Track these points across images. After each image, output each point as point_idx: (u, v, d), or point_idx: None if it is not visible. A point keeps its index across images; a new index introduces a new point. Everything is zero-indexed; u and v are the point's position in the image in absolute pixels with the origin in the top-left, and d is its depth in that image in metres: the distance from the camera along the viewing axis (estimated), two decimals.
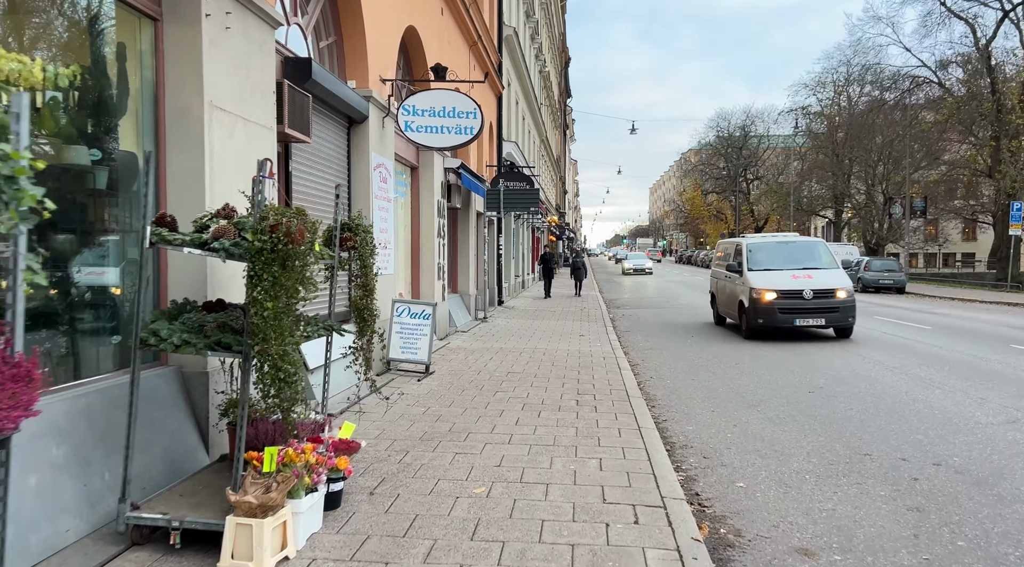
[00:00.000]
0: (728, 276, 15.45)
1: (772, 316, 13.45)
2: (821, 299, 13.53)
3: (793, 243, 15.58)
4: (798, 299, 13.51)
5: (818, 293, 13.53)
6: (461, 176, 13.37)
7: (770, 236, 16.41)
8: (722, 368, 10.75)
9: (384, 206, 9.26)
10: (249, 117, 5.51)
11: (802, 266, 14.38)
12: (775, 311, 13.44)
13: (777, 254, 14.87)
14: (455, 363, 10.34)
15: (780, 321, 13.45)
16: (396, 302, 9.22)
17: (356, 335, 5.17)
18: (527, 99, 29.93)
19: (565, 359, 10.91)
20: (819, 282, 13.71)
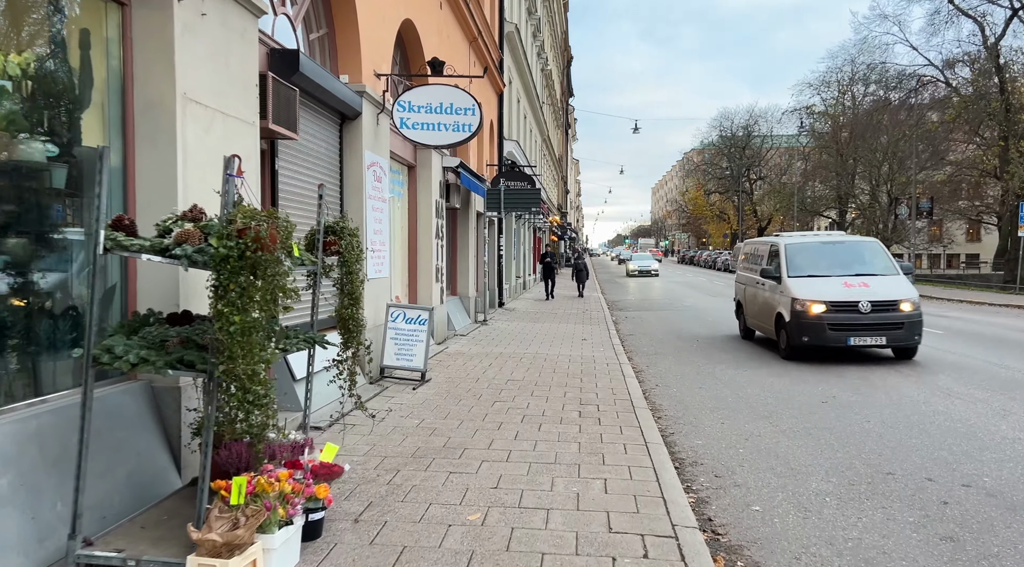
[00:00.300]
0: (760, 283, 13.12)
1: (820, 333, 11.03)
2: (882, 313, 11.05)
3: (841, 244, 13.12)
4: (853, 313, 11.04)
5: (878, 305, 11.06)
6: (460, 175, 12.98)
7: (811, 235, 13.82)
8: (731, 375, 10.35)
9: (379, 207, 8.88)
10: (228, 111, 5.12)
11: (854, 271, 11.99)
12: (824, 327, 11.02)
13: (822, 257, 12.52)
14: (453, 370, 9.95)
15: (830, 339, 11.01)
16: (391, 307, 8.83)
17: (341, 347, 4.78)
18: (529, 97, 29.54)
19: (567, 365, 10.52)
20: (878, 291, 11.33)
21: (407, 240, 12.07)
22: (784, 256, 12.38)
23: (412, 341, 8.77)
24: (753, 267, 14.00)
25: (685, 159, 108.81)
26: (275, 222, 3.26)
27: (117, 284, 4.51)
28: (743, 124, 76.62)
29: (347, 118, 8.27)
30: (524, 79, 26.83)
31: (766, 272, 12.68)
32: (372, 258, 8.63)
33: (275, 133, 6.08)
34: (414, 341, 8.77)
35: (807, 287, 11.56)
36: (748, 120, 76.66)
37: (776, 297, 12.21)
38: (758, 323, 13.51)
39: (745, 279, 14.56)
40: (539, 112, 34.80)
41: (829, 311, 11.12)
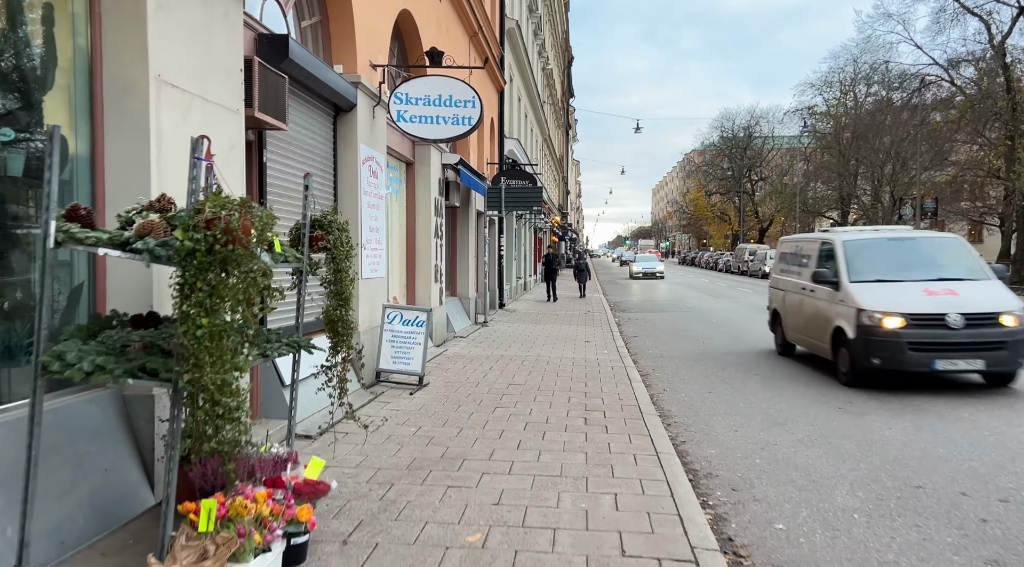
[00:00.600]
0: (807, 289, 10.72)
1: (897, 354, 8.63)
2: (978, 328, 8.63)
3: (913, 240, 10.58)
4: (940, 328, 8.63)
5: (972, 319, 8.64)
6: (460, 173, 12.60)
7: (869, 230, 11.35)
8: (740, 379, 9.97)
9: (375, 203, 8.50)
10: (209, 97, 4.75)
11: (934, 275, 9.50)
12: (902, 347, 8.61)
13: (891, 256, 10.03)
14: (452, 373, 9.57)
15: (910, 363, 8.61)
16: (388, 308, 8.45)
17: (329, 352, 4.40)
18: (530, 96, 29.18)
19: (571, 368, 10.13)
20: (971, 301, 8.91)
21: (405, 239, 11.70)
22: (843, 256, 9.88)
23: (409, 344, 8.39)
24: (795, 269, 11.60)
25: (686, 160, 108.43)
26: (249, 212, 2.89)
27: (84, 283, 4.14)
28: (744, 125, 76.33)
29: (341, 110, 7.90)
30: (525, 77, 26.47)
31: (820, 276, 10.09)
32: (368, 257, 8.26)
33: (262, 123, 5.70)
34: (411, 344, 8.39)
35: (877, 295, 9.15)
36: (749, 121, 76.39)
37: (833, 307, 9.70)
38: (804, 338, 10.98)
39: (785, 284, 11.98)
40: (540, 111, 34.44)
41: (908, 326, 8.69)
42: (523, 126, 27.40)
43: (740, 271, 52.63)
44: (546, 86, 40.12)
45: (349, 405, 4.53)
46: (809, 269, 10.81)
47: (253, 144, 6.10)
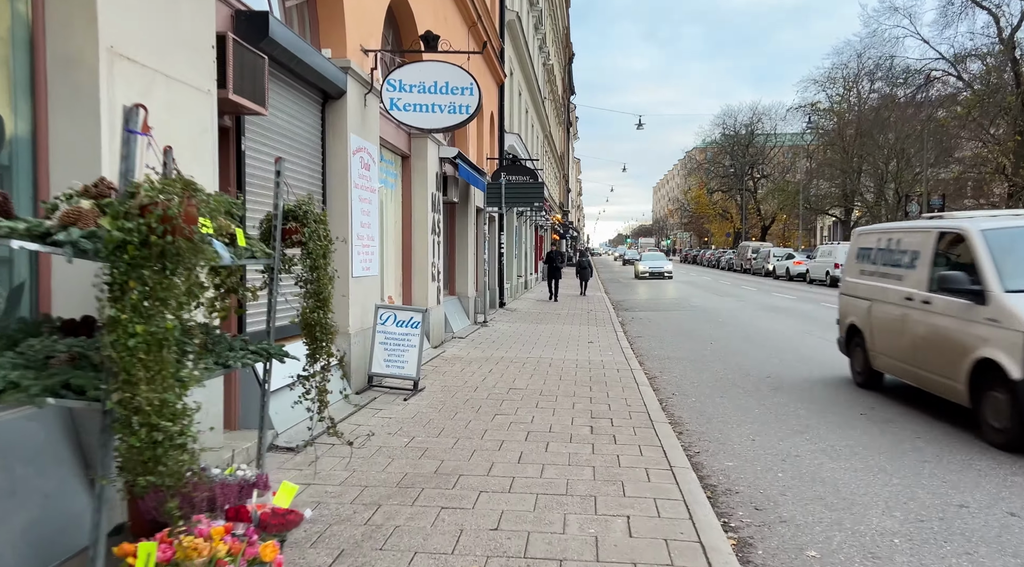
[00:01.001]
0: (918, 300, 7.64)
1: None
2: None
3: None
4: None
5: None
6: (458, 167, 12.10)
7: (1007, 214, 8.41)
8: (753, 382, 9.47)
9: (366, 197, 8.01)
10: (173, 74, 4.25)
11: None
12: None
13: None
14: (449, 377, 9.07)
15: None
16: (380, 308, 7.96)
17: (306, 360, 3.90)
18: (530, 91, 28.67)
19: (574, 371, 9.64)
20: None
21: (401, 236, 11.20)
22: (985, 252, 6.81)
23: (403, 346, 7.90)
24: (890, 271, 8.54)
25: (687, 157, 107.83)
26: (193, 196, 2.39)
27: (26, 283, 3.65)
28: (746, 121, 75.79)
29: (330, 97, 7.40)
30: (526, 71, 25.96)
31: (947, 282, 7.02)
32: (359, 254, 7.76)
33: (240, 107, 5.20)
34: (406, 346, 7.89)
35: None
36: (752, 117, 75.84)
37: (973, 329, 6.66)
38: (910, 368, 7.87)
39: (870, 291, 8.92)
40: (541, 107, 33.93)
41: None
42: (524, 122, 26.90)
43: (743, 269, 52.11)
44: (547, 82, 39.59)
45: (330, 419, 4.04)
46: (918, 272, 7.83)
47: (230, 130, 5.61)
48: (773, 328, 15.90)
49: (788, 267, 40.77)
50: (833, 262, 33.59)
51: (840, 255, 33.67)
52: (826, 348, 12.51)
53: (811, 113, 51.73)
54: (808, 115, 48.80)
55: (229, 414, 5.34)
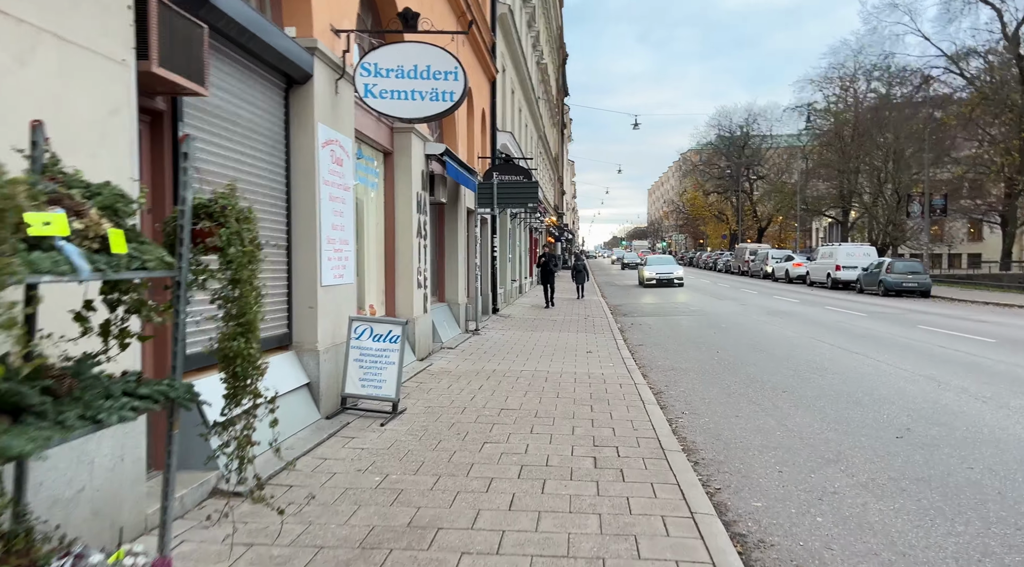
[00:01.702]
0: None
1: None
2: None
3: None
4: None
5: None
6: (446, 165, 11.22)
7: None
8: (768, 397, 8.60)
9: (339, 196, 7.12)
10: (70, 36, 3.36)
11: None
12: None
13: None
14: (435, 395, 8.18)
15: None
16: (355, 321, 7.06)
17: (225, 402, 3.00)
18: (524, 90, 27.83)
19: (572, 386, 8.76)
20: None
21: (384, 239, 10.32)
22: None
23: (381, 363, 7.00)
24: None
25: (682, 159, 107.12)
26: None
27: None
28: (742, 122, 75.16)
29: (295, 82, 6.51)
30: (519, 69, 25.12)
31: None
32: (330, 260, 6.87)
33: (172, 85, 4.31)
34: (383, 363, 7.00)
35: None
36: (747, 118, 75.23)
37: None
38: None
39: None
40: (535, 107, 33.09)
41: None
42: (517, 121, 26.06)
43: (741, 271, 51.37)
44: (541, 82, 38.77)
45: (256, 479, 3.11)
46: None
47: (164, 115, 4.71)
48: (781, 334, 15.05)
49: (787, 269, 40.03)
50: (835, 264, 32.84)
51: (842, 256, 32.97)
52: (840, 357, 11.69)
53: (809, 113, 51.05)
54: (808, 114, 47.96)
55: (154, 453, 4.43)
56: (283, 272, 6.48)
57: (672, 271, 34.59)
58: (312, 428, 6.32)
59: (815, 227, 75.52)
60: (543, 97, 40.39)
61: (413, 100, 7.02)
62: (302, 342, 6.58)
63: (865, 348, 12.73)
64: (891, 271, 27.99)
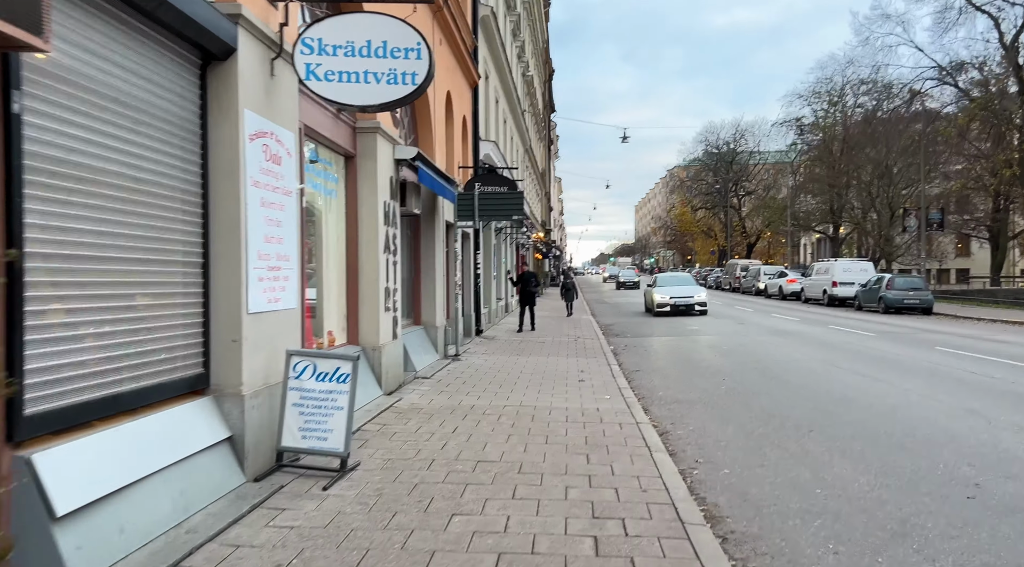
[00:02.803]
0: None
1: None
2: None
3: None
4: None
5: None
6: (419, 171, 9.92)
7: None
8: (794, 438, 7.29)
9: (275, 201, 5.78)
10: None
11: None
12: None
13: None
14: (399, 441, 6.80)
15: None
16: (293, 356, 5.69)
17: None
18: (509, 100, 26.68)
19: (564, 427, 7.42)
20: None
21: (345, 255, 8.98)
22: None
23: (327, 409, 5.63)
24: None
25: (669, 175, 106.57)
26: None
27: None
28: (729, 138, 74.63)
29: (214, 58, 5.19)
30: (503, 78, 23.97)
31: None
32: (261, 281, 5.52)
33: None
34: (330, 409, 5.63)
35: None
36: (735, 133, 74.71)
37: None
38: None
39: None
40: (521, 119, 31.96)
41: None
42: (502, 132, 24.86)
43: (732, 288, 50.38)
44: (527, 94, 37.73)
45: None
46: None
47: None
48: (789, 358, 13.79)
49: (781, 286, 38.97)
50: (831, 280, 31.75)
51: (839, 272, 31.89)
52: (863, 385, 10.40)
53: (799, 127, 50.39)
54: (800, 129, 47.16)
55: None
56: (197, 296, 5.11)
57: (692, 295, 25.35)
58: (232, 497, 4.93)
59: (803, 243, 74.88)
60: (529, 110, 39.34)
61: (367, 83, 5.71)
62: (223, 384, 5.21)
63: (887, 374, 11.47)
64: (892, 287, 26.91)
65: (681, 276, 30.85)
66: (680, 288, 26.36)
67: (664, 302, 25.46)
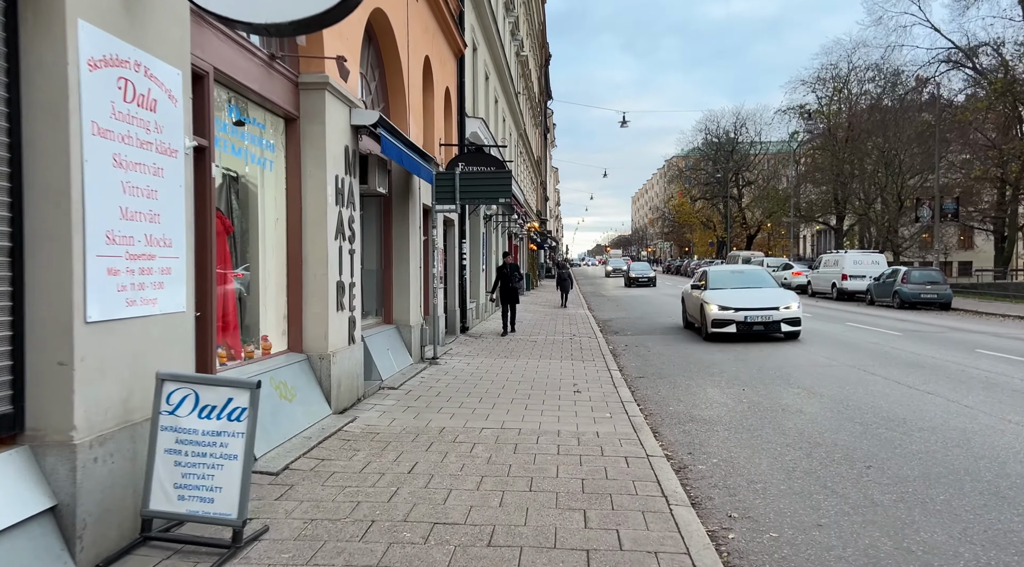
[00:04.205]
0: None
1: None
2: None
3: None
4: None
5: None
6: (382, 140, 8.18)
7: None
8: (851, 478, 5.63)
9: (144, 162, 4.07)
10: None
11: None
12: None
13: None
14: (333, 488, 5.12)
15: None
16: (167, 382, 3.99)
17: None
18: (501, 78, 24.88)
19: (555, 464, 5.75)
20: None
21: (286, 241, 7.28)
22: None
23: (214, 458, 3.95)
24: None
25: (667, 165, 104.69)
26: None
27: None
28: (729, 127, 72.81)
29: None
30: (494, 52, 22.17)
31: None
32: (110, 276, 3.82)
33: None
34: (218, 457, 3.94)
35: None
36: (735, 122, 72.88)
37: None
38: None
39: None
40: (514, 102, 30.16)
41: None
42: (493, 112, 23.09)
43: None
44: (521, 75, 35.89)
45: None
46: None
47: None
48: (811, 362, 12.13)
49: (785, 278, 37.31)
50: (840, 273, 30.09)
51: (849, 265, 30.21)
52: (911, 400, 8.66)
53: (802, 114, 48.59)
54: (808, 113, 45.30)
55: None
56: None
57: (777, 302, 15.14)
58: None
59: (803, 234, 73.17)
60: (524, 93, 37.52)
61: None
62: (43, 429, 3.52)
63: (935, 385, 9.82)
64: (908, 281, 25.28)
65: (750, 272, 17.63)
66: (752, 293, 15.47)
67: (726, 318, 14.85)
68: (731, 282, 16.48)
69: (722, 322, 14.90)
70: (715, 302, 15.23)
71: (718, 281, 16.54)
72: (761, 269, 18.51)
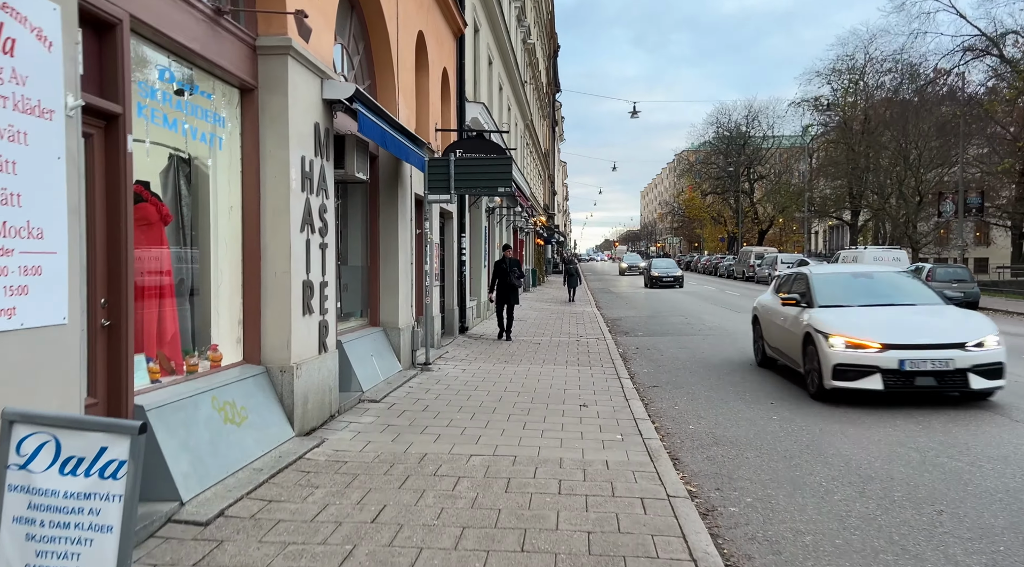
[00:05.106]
0: None
1: None
2: None
3: None
4: None
5: None
6: (359, 117, 7.06)
7: None
8: (927, 531, 4.52)
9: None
10: None
11: None
12: None
13: None
14: (271, 547, 4.03)
15: None
16: (16, 424, 2.90)
17: None
18: (506, 65, 23.73)
19: (554, 508, 4.64)
20: None
21: (242, 232, 6.19)
22: None
23: (80, 529, 2.86)
24: None
25: (677, 159, 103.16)
26: None
27: None
28: (741, 120, 71.30)
29: None
30: (498, 36, 21.02)
31: None
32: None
33: None
34: (85, 529, 2.86)
35: None
36: (747, 115, 71.37)
37: None
38: None
39: None
40: (521, 91, 28.98)
41: None
42: (497, 100, 21.94)
43: (746, 277, 47.38)
44: (528, 65, 34.73)
45: None
46: None
47: None
48: None
49: None
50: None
51: (869, 261, 28.91)
52: (976, 421, 7.39)
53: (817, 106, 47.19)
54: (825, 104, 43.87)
55: None
56: None
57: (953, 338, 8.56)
58: None
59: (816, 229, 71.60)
60: (531, 83, 36.31)
61: None
62: None
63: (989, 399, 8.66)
64: (933, 279, 24.02)
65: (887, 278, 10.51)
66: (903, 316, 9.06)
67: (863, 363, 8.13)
68: (857, 294, 9.60)
69: (856, 370, 8.13)
70: (841, 331, 8.39)
71: (833, 292, 9.61)
72: (904, 273, 11.63)
